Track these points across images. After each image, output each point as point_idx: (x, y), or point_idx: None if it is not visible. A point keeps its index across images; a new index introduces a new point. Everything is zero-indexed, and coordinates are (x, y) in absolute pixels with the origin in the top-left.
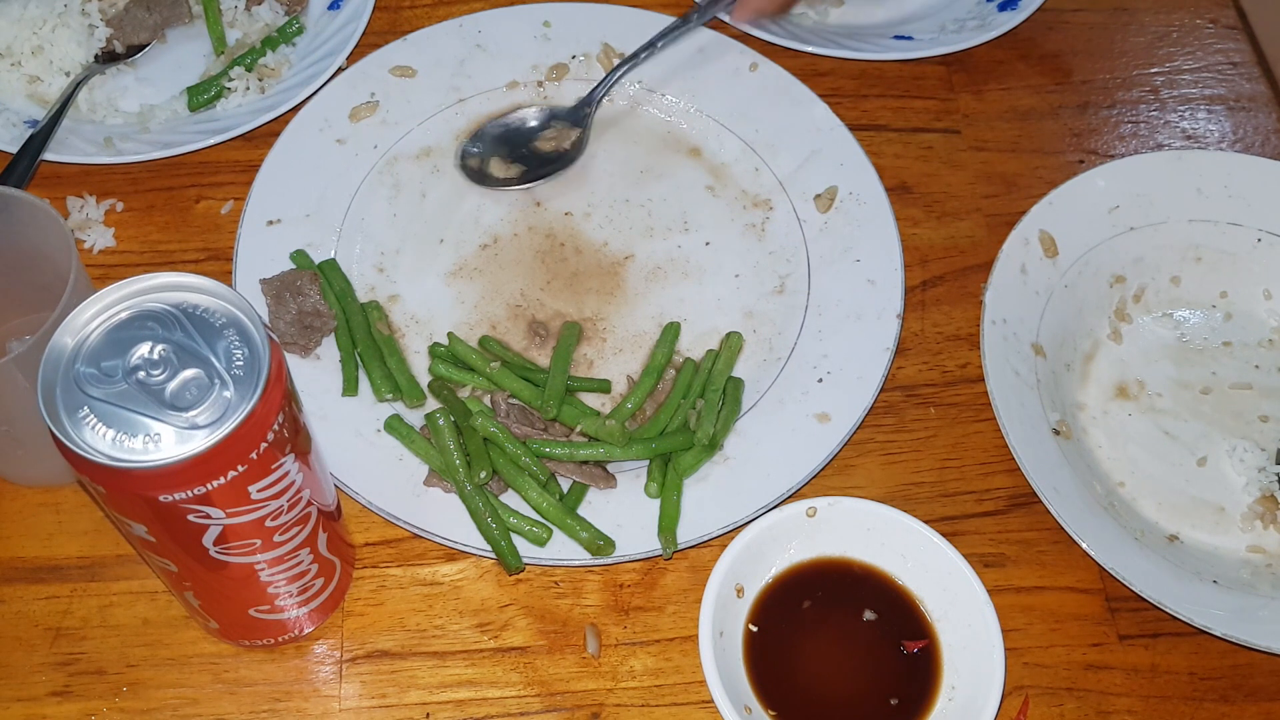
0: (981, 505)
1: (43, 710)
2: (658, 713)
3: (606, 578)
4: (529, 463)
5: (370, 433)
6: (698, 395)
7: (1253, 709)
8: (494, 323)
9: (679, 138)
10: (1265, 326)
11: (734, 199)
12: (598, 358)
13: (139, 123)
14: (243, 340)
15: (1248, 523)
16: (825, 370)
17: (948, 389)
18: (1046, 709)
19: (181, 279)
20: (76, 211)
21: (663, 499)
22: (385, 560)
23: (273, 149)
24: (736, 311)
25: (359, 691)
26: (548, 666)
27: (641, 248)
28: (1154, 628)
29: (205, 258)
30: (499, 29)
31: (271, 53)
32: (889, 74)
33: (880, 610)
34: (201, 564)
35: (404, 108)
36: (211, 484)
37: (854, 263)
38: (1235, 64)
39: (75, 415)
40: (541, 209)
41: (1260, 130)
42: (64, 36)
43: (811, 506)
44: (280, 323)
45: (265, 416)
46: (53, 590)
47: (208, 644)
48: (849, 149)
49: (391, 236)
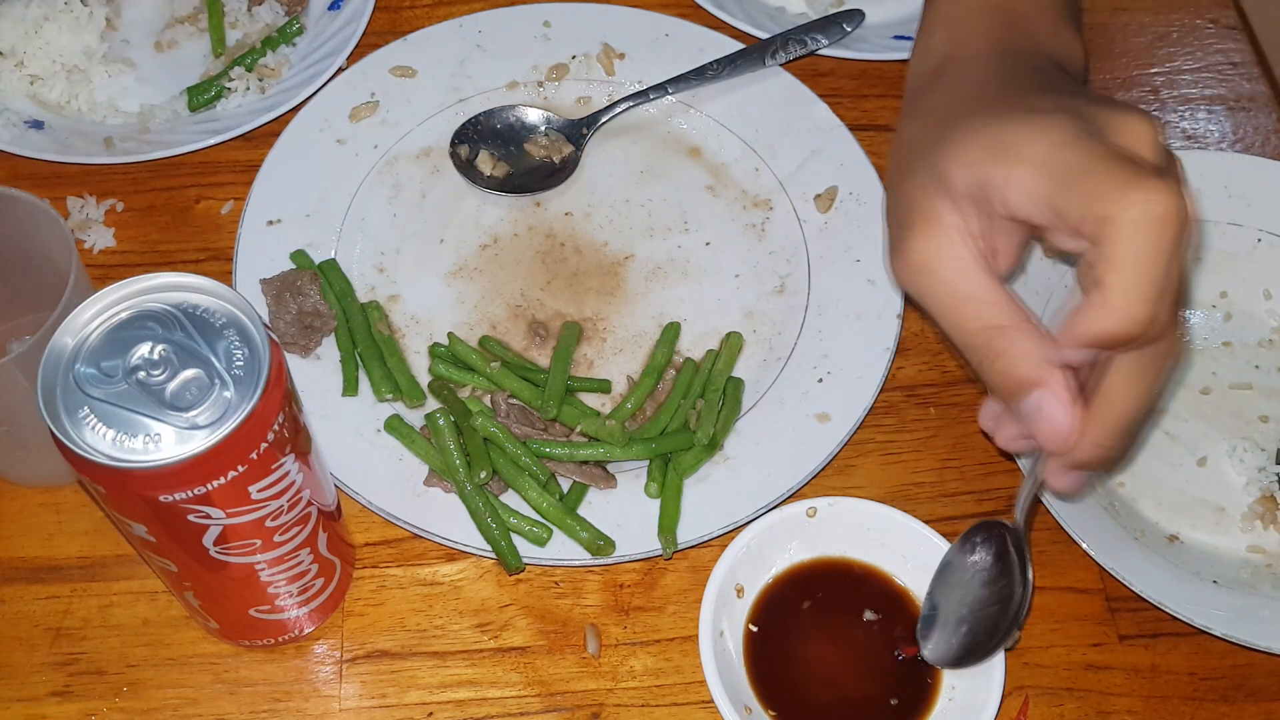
0: (981, 505)
1: (43, 710)
2: (658, 713)
3: (606, 578)
4: (529, 463)
5: (370, 433)
6: (698, 395)
7: (1253, 709)
8: (494, 323)
9: (679, 138)
10: (1265, 326)
11: (734, 199)
12: (598, 358)
13: (139, 123)
14: (243, 340)
15: (1248, 523)
16: (825, 370)
17: (948, 389)
18: (1046, 709)
19: (181, 279)
20: (76, 211)
21: (663, 499)
22: (385, 560)
23: (273, 149)
24: (736, 311)
25: (359, 691)
26: (548, 666)
27: (641, 248)
28: (1154, 628)
29: (205, 258)
30: (499, 29)
31: (272, 53)
32: (889, 74)
33: (880, 610)
34: (201, 564)
35: (404, 108)
36: (211, 484)
37: (854, 263)
38: (1235, 64)
39: (75, 415)
40: (541, 209)
41: (1260, 130)
42: (66, 36)
43: (811, 506)
44: (280, 323)
45: (265, 416)
46: (53, 590)
47: (208, 644)
48: (849, 149)
49: (391, 236)
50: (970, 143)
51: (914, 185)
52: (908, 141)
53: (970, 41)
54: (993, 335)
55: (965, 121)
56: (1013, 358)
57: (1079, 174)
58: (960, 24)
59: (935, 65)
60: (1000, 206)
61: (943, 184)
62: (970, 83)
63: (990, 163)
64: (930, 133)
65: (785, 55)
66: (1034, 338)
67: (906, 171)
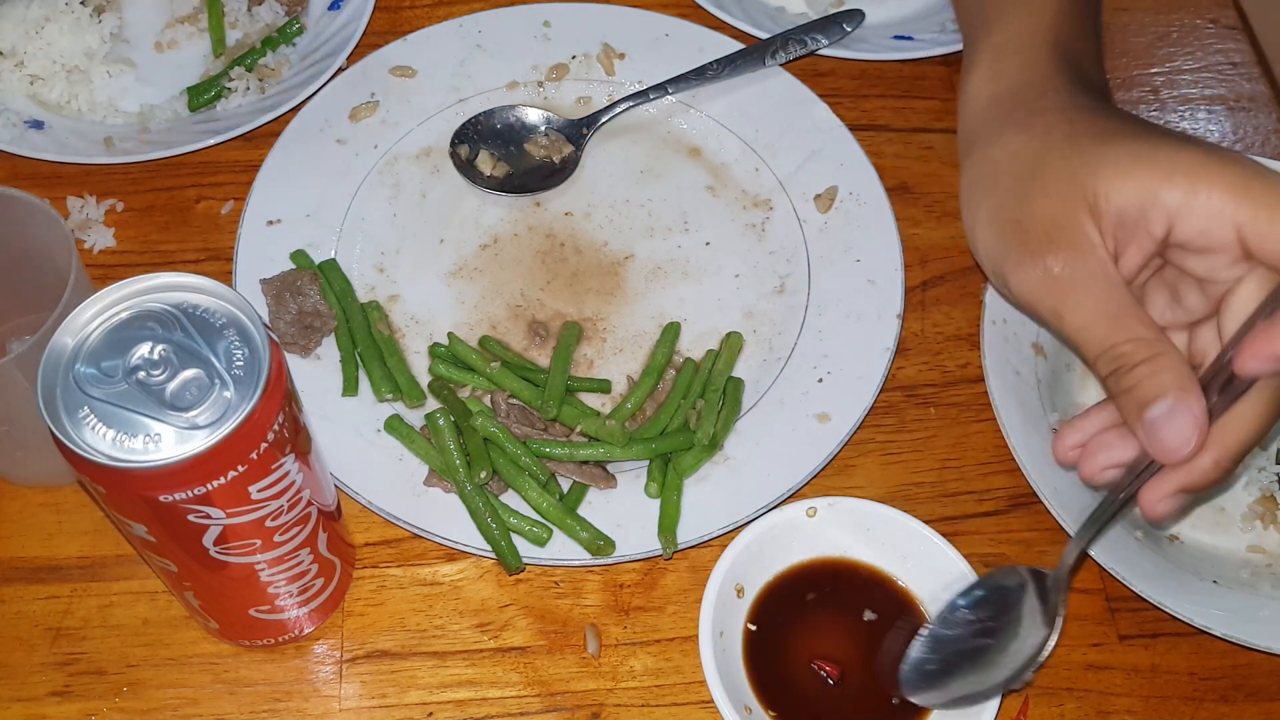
0: (981, 505)
1: (43, 710)
2: (658, 713)
3: (606, 578)
4: (529, 463)
5: (370, 433)
6: (698, 395)
7: (1253, 709)
8: (494, 323)
9: (679, 138)
10: None
11: (734, 199)
12: (598, 358)
13: (139, 123)
14: (243, 340)
15: (1248, 523)
16: (825, 370)
17: (948, 389)
18: (1046, 709)
19: (181, 279)
20: (76, 211)
21: (663, 499)
22: (385, 560)
23: (273, 149)
24: (736, 311)
25: (359, 691)
26: (548, 666)
27: (641, 248)
28: (1154, 628)
29: (205, 258)
30: (499, 29)
31: (272, 53)
32: (889, 74)
33: (880, 610)
34: (201, 564)
35: (404, 108)
36: (211, 484)
37: (854, 263)
38: (1235, 64)
39: (75, 415)
40: (541, 209)
41: (1260, 130)
42: (68, 37)
43: (811, 506)
44: (280, 323)
45: (265, 417)
46: (53, 590)
47: (208, 644)
48: (849, 149)
49: (391, 236)
50: (1134, 166)
51: (1051, 204)
52: (1017, 160)
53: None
54: (1139, 346)
55: (1115, 145)
56: (1157, 367)
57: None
58: (1028, 53)
59: (1014, 88)
60: (1159, 227)
61: (1090, 203)
62: (1081, 109)
63: (1166, 185)
64: (1057, 153)
65: (785, 55)
66: (1177, 350)
67: (1032, 190)
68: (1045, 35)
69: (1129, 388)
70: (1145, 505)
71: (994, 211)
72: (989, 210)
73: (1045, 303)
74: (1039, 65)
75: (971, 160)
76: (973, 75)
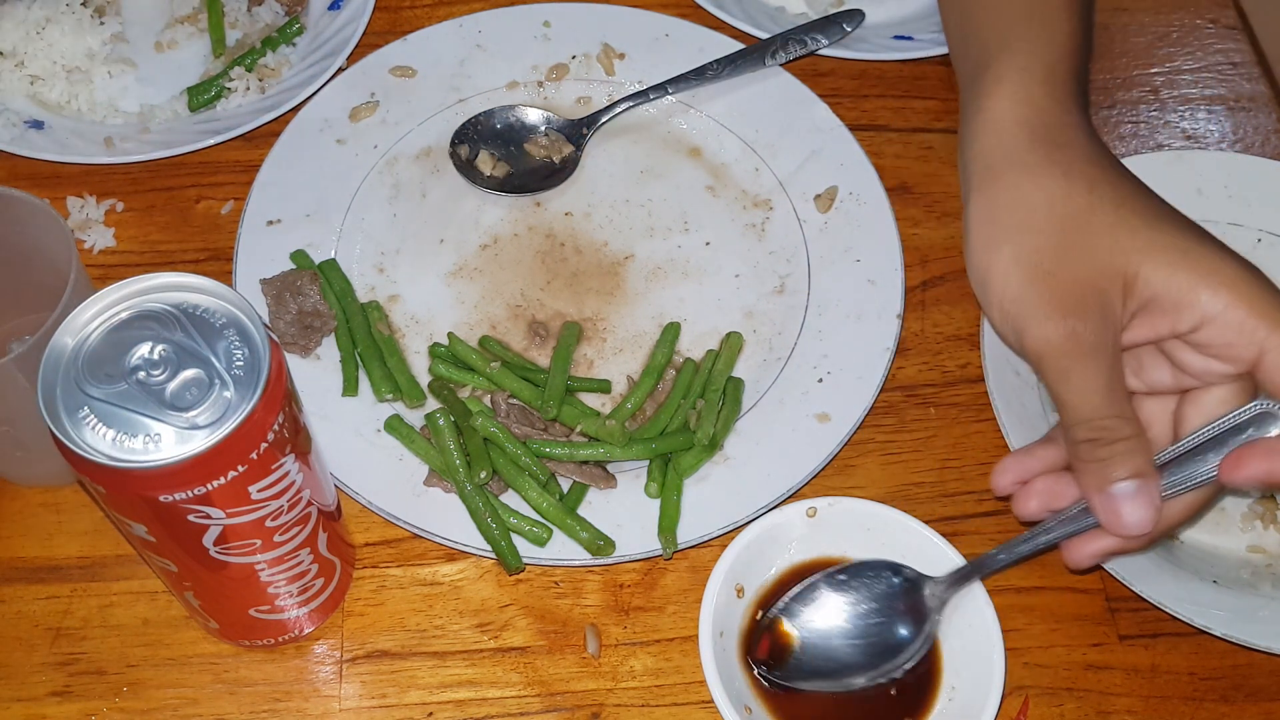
0: (981, 505)
1: (43, 710)
2: (658, 713)
3: (606, 578)
4: (529, 463)
5: (370, 433)
6: (698, 395)
7: (1253, 709)
8: (494, 323)
9: (679, 138)
10: None
11: (734, 199)
12: (598, 358)
13: (139, 123)
14: (243, 340)
15: (1248, 523)
16: (825, 370)
17: (948, 389)
18: (1046, 709)
19: (181, 279)
20: (76, 211)
21: (663, 499)
22: (385, 560)
23: (273, 149)
24: (736, 311)
25: (359, 691)
26: (548, 666)
27: (641, 248)
28: (1154, 628)
29: (205, 258)
30: (499, 29)
31: (272, 53)
32: (889, 74)
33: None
34: (201, 564)
35: (404, 108)
36: (211, 484)
37: (854, 263)
38: (1235, 64)
39: (75, 415)
40: (541, 209)
41: (1260, 130)
42: (69, 38)
43: (811, 506)
44: (280, 323)
45: (265, 417)
46: (53, 590)
47: (208, 644)
48: (849, 149)
49: (391, 236)
50: (1182, 260)
51: (1090, 268)
52: (1056, 210)
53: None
54: (1123, 424)
55: (1162, 231)
56: (1133, 448)
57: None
58: (1053, 84)
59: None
60: (1186, 324)
61: (1127, 279)
62: (1105, 168)
63: (1208, 291)
64: (1103, 219)
65: (785, 55)
66: (1147, 438)
67: (1073, 247)
68: (1069, 64)
69: (1102, 459)
70: (1072, 558)
71: (1025, 256)
72: (1017, 253)
73: (1058, 361)
74: (1063, 100)
75: (996, 189)
76: (996, 93)
